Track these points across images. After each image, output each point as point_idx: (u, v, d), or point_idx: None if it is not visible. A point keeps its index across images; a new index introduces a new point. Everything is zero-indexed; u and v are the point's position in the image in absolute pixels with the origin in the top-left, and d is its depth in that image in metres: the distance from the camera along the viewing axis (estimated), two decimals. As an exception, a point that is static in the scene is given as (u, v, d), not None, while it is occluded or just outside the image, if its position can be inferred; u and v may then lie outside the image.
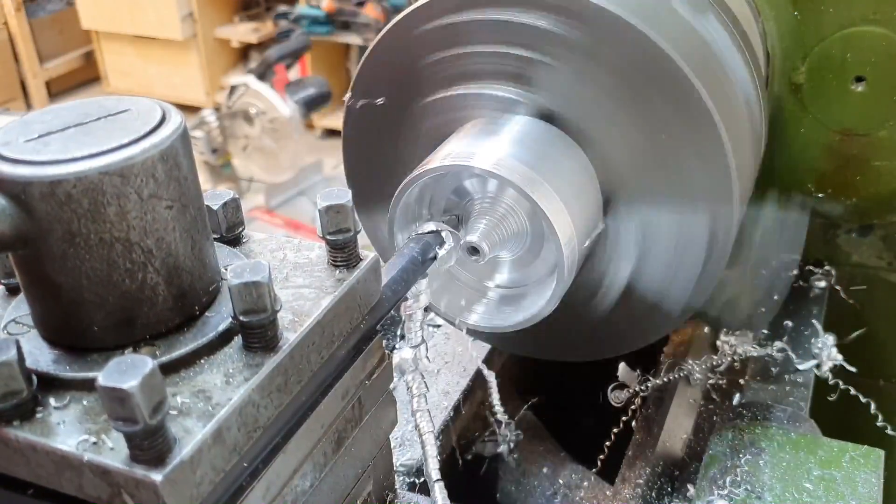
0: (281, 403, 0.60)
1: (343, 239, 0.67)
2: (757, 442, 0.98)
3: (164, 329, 0.60)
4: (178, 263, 0.60)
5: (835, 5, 1.20)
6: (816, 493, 0.90)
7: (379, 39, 0.99)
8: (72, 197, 0.54)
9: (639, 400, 1.15)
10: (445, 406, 1.09)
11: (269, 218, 4.69)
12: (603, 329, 1.03)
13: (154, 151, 0.56)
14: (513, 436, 1.17)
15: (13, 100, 6.24)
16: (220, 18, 6.27)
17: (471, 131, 0.94)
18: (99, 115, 0.59)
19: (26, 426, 0.54)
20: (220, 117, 4.71)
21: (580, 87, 0.90)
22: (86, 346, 0.59)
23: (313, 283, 0.66)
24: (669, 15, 0.93)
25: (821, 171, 1.30)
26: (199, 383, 0.57)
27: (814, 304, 1.31)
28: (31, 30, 6.39)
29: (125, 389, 0.47)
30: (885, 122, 1.23)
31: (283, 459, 0.61)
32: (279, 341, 0.60)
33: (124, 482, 0.50)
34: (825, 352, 1.19)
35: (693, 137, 0.88)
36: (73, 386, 0.57)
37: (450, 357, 1.18)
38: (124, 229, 0.56)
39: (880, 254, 1.40)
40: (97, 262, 0.56)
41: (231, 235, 0.72)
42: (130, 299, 0.58)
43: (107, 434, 0.52)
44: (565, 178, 0.90)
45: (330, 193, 0.68)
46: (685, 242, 0.93)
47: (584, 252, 0.92)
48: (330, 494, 0.70)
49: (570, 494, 1.15)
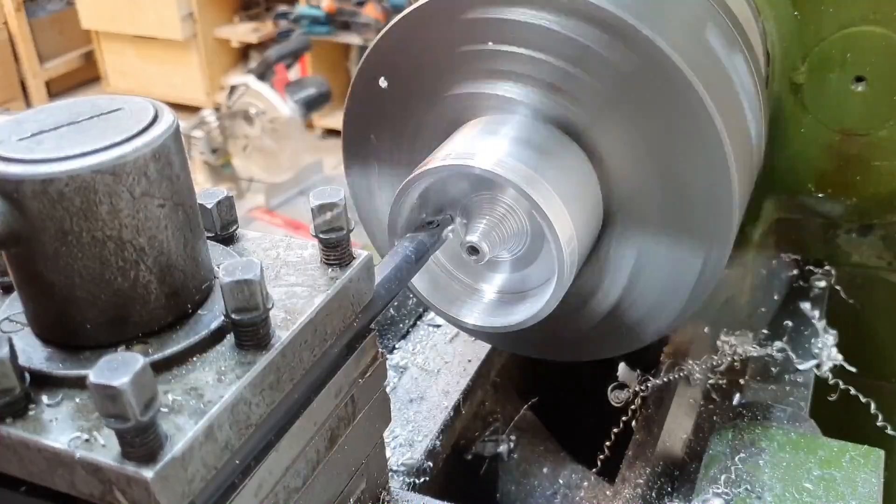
0: (273, 401, 0.60)
1: (336, 237, 0.67)
2: (757, 442, 0.98)
3: (157, 327, 0.60)
4: (171, 261, 0.60)
5: (835, 5, 1.20)
6: (816, 493, 0.90)
7: (409, 13, 0.94)
8: (64, 195, 0.54)
9: (639, 400, 1.15)
10: (445, 406, 1.09)
11: (269, 218, 4.69)
12: (599, 331, 1.03)
13: (146, 150, 0.56)
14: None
15: (13, 100, 6.25)
16: (220, 18, 6.28)
17: (471, 131, 0.94)
18: (92, 113, 0.59)
19: (19, 423, 0.54)
20: (220, 117, 4.72)
21: (607, 107, 0.89)
22: (78, 343, 0.59)
23: (306, 282, 0.66)
24: (705, 54, 0.93)
25: (821, 171, 1.30)
26: (192, 381, 0.57)
27: (814, 304, 1.30)
28: (31, 30, 6.40)
29: (116, 387, 0.47)
30: (885, 122, 1.23)
31: (275, 457, 0.61)
32: (271, 339, 0.60)
33: (116, 479, 0.51)
34: (825, 352, 1.19)
35: (703, 167, 0.87)
36: (65, 383, 0.57)
37: (450, 357, 1.18)
38: (116, 227, 0.56)
39: (880, 254, 1.39)
40: (89, 261, 0.56)
41: (225, 234, 0.72)
42: (123, 297, 0.58)
43: (99, 431, 0.53)
44: (565, 178, 0.90)
45: (322, 192, 0.68)
46: (677, 270, 0.93)
47: (584, 252, 0.92)
48: (323, 492, 0.70)
49: (570, 494, 1.15)
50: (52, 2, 6.63)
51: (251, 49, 6.32)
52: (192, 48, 6.21)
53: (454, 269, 1.00)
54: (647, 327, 0.99)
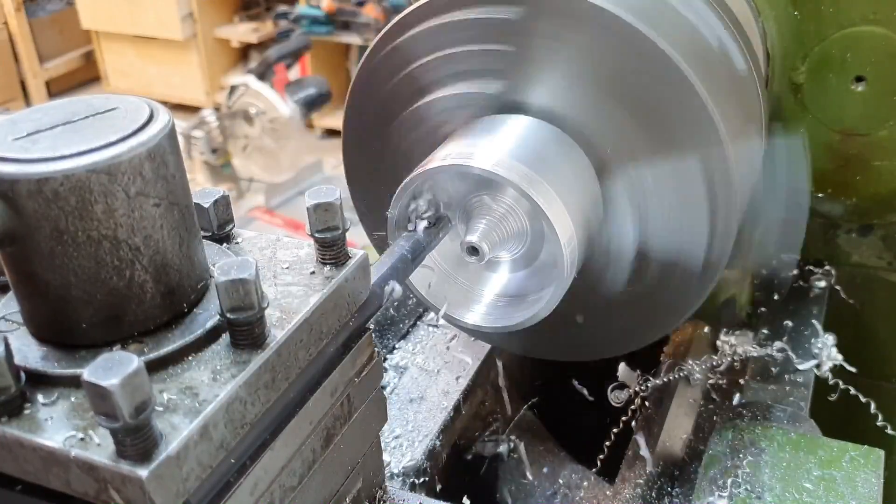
0: (268, 400, 0.59)
1: (331, 237, 0.67)
2: (757, 442, 0.98)
3: (153, 326, 0.60)
4: (166, 261, 0.59)
5: (835, 5, 1.20)
6: (816, 493, 0.90)
7: (372, 47, 0.99)
8: (59, 195, 0.54)
9: (639, 400, 1.14)
10: (445, 406, 1.09)
11: (269, 218, 4.69)
12: (611, 324, 1.02)
13: (141, 149, 0.56)
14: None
15: (13, 100, 6.25)
16: (220, 18, 6.28)
17: (471, 131, 0.94)
18: (87, 113, 0.59)
19: (14, 422, 0.54)
20: (220, 117, 4.71)
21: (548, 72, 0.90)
22: (74, 342, 0.59)
23: (301, 281, 0.66)
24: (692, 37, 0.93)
25: (821, 171, 1.29)
26: (187, 380, 0.57)
27: (814, 304, 1.30)
28: (31, 30, 6.40)
29: (105, 387, 0.47)
30: (885, 122, 1.23)
31: (270, 456, 0.61)
32: (267, 338, 0.59)
33: (110, 478, 0.50)
34: (825, 352, 1.19)
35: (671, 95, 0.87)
36: (61, 382, 0.57)
37: (450, 357, 1.18)
38: (112, 227, 0.56)
39: (880, 254, 1.39)
40: (85, 260, 0.56)
41: (221, 233, 0.72)
42: (118, 296, 0.58)
43: (94, 430, 0.52)
44: (565, 178, 0.90)
45: (318, 191, 0.67)
46: (683, 192, 0.90)
47: (584, 252, 0.92)
48: (319, 491, 0.70)
49: (570, 494, 1.15)
50: (52, 2, 6.63)
51: (251, 49, 6.33)
52: (192, 48, 6.21)
53: (454, 270, 1.00)
54: (683, 274, 0.95)
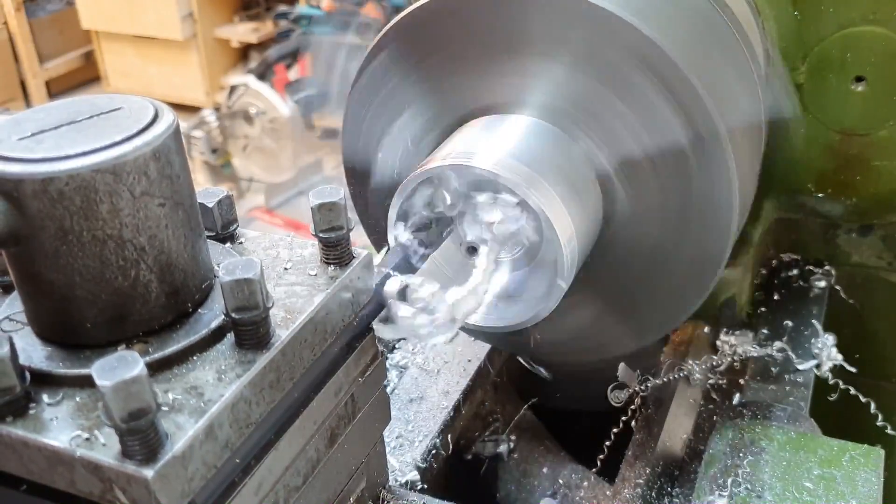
0: (273, 400, 0.60)
1: (336, 237, 0.67)
2: (757, 441, 0.98)
3: (157, 326, 0.60)
4: (171, 260, 0.60)
5: (835, 5, 1.20)
6: (816, 492, 0.90)
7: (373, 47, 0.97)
8: (64, 194, 0.54)
9: (639, 400, 1.14)
10: (445, 406, 1.09)
11: (269, 218, 4.69)
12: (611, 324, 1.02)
13: (146, 149, 0.56)
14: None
15: (13, 100, 6.24)
16: (220, 18, 6.27)
17: (471, 131, 0.94)
18: (91, 113, 0.59)
19: (19, 422, 0.54)
20: (220, 117, 4.72)
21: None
22: (79, 342, 0.59)
23: (306, 281, 0.66)
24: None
25: (821, 171, 1.30)
26: (192, 380, 0.57)
27: (814, 304, 1.30)
28: (31, 30, 6.39)
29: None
30: (885, 122, 1.23)
31: (275, 456, 0.61)
32: (271, 338, 0.60)
33: (116, 477, 0.51)
34: (825, 352, 1.19)
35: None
36: (65, 382, 0.57)
37: (450, 357, 1.18)
38: (117, 227, 0.56)
39: (880, 254, 1.39)
40: (90, 260, 0.56)
41: (225, 233, 0.72)
42: (123, 296, 0.58)
43: (99, 430, 0.53)
44: (565, 178, 0.89)
45: (322, 191, 0.68)
46: (682, 190, 0.89)
47: (584, 252, 0.92)
48: (323, 491, 0.70)
49: (570, 494, 1.15)
50: (52, 2, 6.62)
51: (251, 49, 6.31)
52: (192, 48, 6.20)
53: (454, 270, 1.00)
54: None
